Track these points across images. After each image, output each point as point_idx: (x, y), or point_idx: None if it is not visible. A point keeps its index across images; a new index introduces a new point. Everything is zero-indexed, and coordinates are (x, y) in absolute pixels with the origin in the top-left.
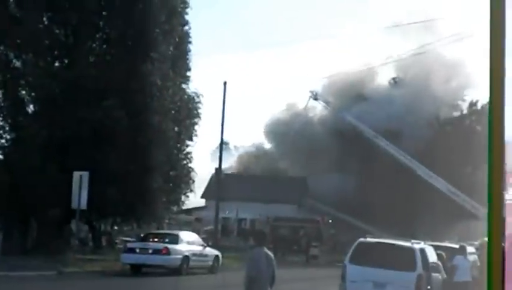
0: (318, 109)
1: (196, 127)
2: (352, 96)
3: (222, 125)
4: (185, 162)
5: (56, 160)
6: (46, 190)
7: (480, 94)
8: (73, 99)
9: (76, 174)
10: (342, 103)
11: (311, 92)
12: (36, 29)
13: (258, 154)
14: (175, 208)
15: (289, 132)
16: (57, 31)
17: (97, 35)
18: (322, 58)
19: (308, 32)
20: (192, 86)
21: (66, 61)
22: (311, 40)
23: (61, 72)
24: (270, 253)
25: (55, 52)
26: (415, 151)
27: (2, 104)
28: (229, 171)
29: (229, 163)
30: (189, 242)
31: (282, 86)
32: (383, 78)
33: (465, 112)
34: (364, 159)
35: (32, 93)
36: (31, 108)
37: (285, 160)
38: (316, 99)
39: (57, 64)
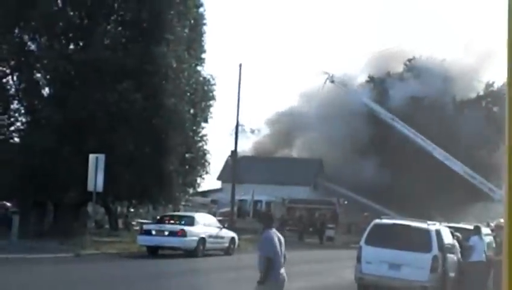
0: (334, 91)
1: (211, 109)
2: (368, 80)
3: (238, 107)
4: (200, 144)
5: (72, 143)
6: (62, 173)
7: (497, 75)
8: (89, 81)
9: (92, 157)
10: (358, 85)
11: (327, 73)
12: (51, 11)
13: (272, 136)
14: (191, 190)
15: (306, 114)
16: (72, 13)
17: (112, 18)
18: (339, 40)
19: (324, 14)
20: (208, 68)
21: (81, 43)
22: (328, 22)
23: (76, 55)
24: (279, 234)
25: (70, 35)
26: (431, 134)
27: (18, 87)
28: (245, 153)
29: (245, 145)
30: (205, 224)
31: (298, 68)
32: (399, 59)
33: (481, 93)
34: (381, 142)
35: (47, 76)
36: (46, 91)
37: (299, 142)
38: (332, 81)
39: (71, 46)
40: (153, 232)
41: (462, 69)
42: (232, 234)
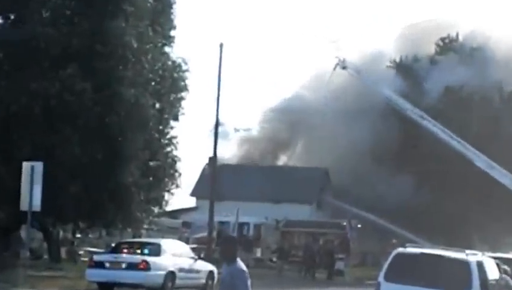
0: (346, 80)
1: (183, 103)
2: (390, 65)
3: (218, 101)
4: (169, 149)
5: None
6: None
7: None
8: (22, 67)
9: (26, 166)
10: (377, 73)
11: (338, 58)
12: None
13: (264, 139)
14: (156, 209)
15: (307, 110)
16: None
17: None
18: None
19: None
20: (179, 50)
21: (12, 16)
22: None
23: (6, 31)
24: (240, 269)
25: None
26: (470, 135)
27: None
28: (227, 161)
29: (227, 150)
30: (175, 254)
31: (297, 49)
32: (430, 38)
33: None
34: (407, 147)
35: None
36: None
37: (300, 146)
38: (344, 68)
39: (0, 20)
40: (107, 265)
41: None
42: (210, 266)
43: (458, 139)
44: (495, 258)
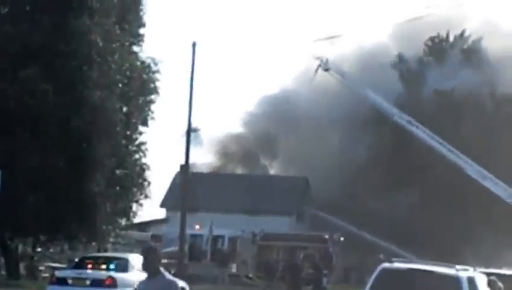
0: (328, 82)
1: (152, 106)
2: (376, 65)
3: (190, 104)
4: (137, 156)
5: None
6: None
7: None
8: None
9: None
10: (361, 75)
11: (320, 59)
12: None
13: (240, 145)
14: (123, 221)
15: (287, 115)
16: None
17: None
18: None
19: None
20: (148, 49)
21: None
22: None
23: None
24: (173, 280)
25: None
26: (460, 141)
27: None
28: (200, 170)
29: (200, 157)
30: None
31: (275, 49)
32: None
33: None
34: (393, 155)
35: None
36: None
37: (279, 153)
38: (326, 70)
39: None
40: (70, 281)
41: (505, 52)
42: (181, 283)
43: (449, 147)
44: (488, 273)
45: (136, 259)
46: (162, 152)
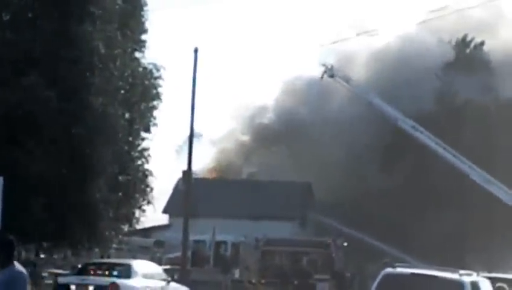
0: (335, 88)
1: (155, 112)
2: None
3: (192, 109)
4: (139, 162)
5: None
6: None
7: None
8: None
9: None
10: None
11: (325, 65)
12: None
13: (243, 150)
14: (126, 228)
15: (292, 120)
16: None
17: None
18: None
19: None
20: (150, 56)
21: None
22: None
23: None
24: (20, 271)
25: None
26: (464, 146)
27: None
28: (203, 175)
29: (203, 163)
30: (146, 275)
31: (278, 53)
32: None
33: None
34: (398, 160)
35: None
36: None
37: (283, 159)
38: (331, 76)
39: None
40: (73, 288)
41: (507, 56)
42: (184, 289)
43: (453, 152)
44: (491, 278)
45: (139, 265)
46: (165, 158)
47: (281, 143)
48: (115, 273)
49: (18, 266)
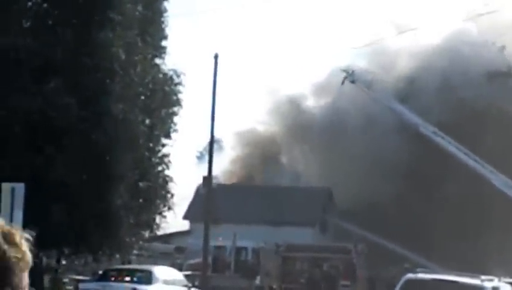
0: (356, 93)
1: (176, 119)
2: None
3: (212, 115)
4: (160, 168)
5: None
6: None
7: None
8: (1, 80)
9: (6, 187)
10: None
11: (346, 71)
12: None
13: (263, 156)
14: (147, 234)
15: (311, 125)
16: None
17: None
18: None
19: None
20: (171, 62)
21: None
22: None
23: None
24: None
25: None
26: (483, 150)
27: None
28: (223, 181)
29: (223, 169)
30: (167, 281)
31: (298, 59)
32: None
33: None
34: (420, 165)
35: None
36: None
37: (303, 164)
38: (353, 81)
39: None
40: None
41: None
42: None
43: (475, 158)
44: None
45: (159, 271)
46: (186, 164)
47: (300, 148)
48: (136, 279)
49: None
